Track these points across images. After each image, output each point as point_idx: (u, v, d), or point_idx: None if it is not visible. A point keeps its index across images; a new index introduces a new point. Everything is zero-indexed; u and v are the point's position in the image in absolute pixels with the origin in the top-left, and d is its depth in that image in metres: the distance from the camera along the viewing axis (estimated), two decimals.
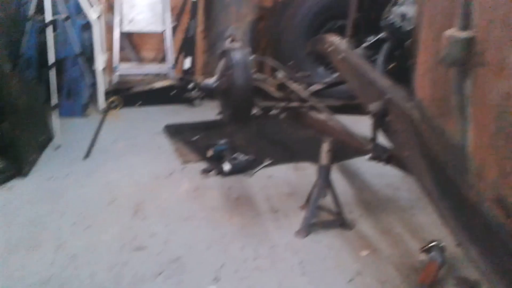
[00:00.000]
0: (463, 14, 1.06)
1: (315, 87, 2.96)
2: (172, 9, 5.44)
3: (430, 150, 1.38)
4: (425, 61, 1.34)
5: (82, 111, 4.53)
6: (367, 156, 2.13)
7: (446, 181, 1.34)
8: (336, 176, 3.69)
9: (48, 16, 3.74)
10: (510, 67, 0.88)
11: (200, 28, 5.51)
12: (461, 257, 2.57)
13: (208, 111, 4.81)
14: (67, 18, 4.07)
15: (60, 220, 2.90)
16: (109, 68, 5.31)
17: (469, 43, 1.03)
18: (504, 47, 0.91)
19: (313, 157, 2.96)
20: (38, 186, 3.29)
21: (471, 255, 1.26)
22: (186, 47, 5.28)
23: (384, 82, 1.99)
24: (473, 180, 1.09)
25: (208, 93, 2.91)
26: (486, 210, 1.08)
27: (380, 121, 1.90)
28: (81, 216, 2.95)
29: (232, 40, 4.92)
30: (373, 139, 2.04)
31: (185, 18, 5.39)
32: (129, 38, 5.47)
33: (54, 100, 3.86)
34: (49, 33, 3.75)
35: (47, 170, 3.51)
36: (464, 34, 1.03)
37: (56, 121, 3.92)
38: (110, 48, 5.29)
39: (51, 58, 3.80)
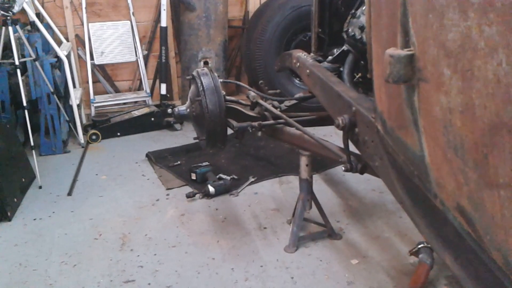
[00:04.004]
0: (402, 32, 1.09)
1: (287, 103, 2.98)
2: (143, 38, 5.47)
3: (396, 160, 1.40)
4: (379, 75, 1.36)
5: (62, 147, 4.51)
6: (343, 168, 2.14)
7: (416, 190, 1.36)
8: (320, 186, 3.71)
9: (16, 60, 3.82)
10: (447, 83, 0.90)
11: (172, 53, 5.54)
12: None
13: (189, 134, 4.82)
14: (35, 59, 4.08)
15: (48, 261, 2.89)
16: (87, 101, 5.32)
17: (410, 60, 1.05)
18: (439, 64, 0.92)
19: (297, 169, 2.98)
20: (24, 228, 3.26)
21: (446, 261, 1.28)
22: (161, 73, 5.30)
23: (350, 94, 2.00)
24: (435, 190, 1.11)
25: (182, 120, 2.91)
26: (452, 218, 1.09)
27: (350, 133, 1.92)
28: (68, 255, 2.94)
29: (205, 63, 4.96)
30: (345, 150, 2.05)
31: (157, 45, 5.41)
32: (103, 70, 5.47)
33: (32, 140, 3.90)
34: (19, 76, 3.83)
35: (31, 211, 3.48)
36: (404, 52, 1.05)
37: (36, 161, 3.91)
38: (85, 82, 5.30)
39: (24, 100, 3.87)
